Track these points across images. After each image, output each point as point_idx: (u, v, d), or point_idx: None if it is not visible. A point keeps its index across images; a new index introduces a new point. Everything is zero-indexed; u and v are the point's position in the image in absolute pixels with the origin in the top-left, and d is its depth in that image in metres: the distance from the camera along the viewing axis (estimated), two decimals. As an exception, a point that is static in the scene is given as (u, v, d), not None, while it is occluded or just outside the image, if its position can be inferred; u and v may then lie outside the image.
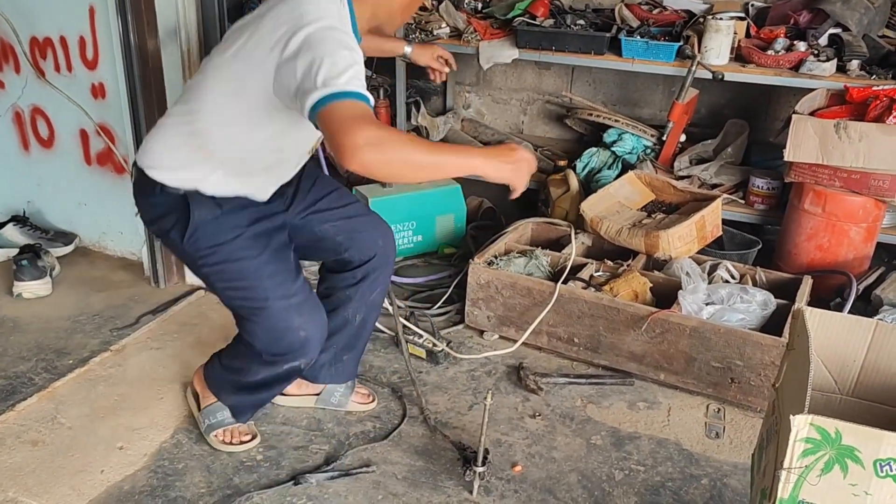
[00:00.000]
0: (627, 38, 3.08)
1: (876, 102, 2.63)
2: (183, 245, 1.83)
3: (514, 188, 1.64)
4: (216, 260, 1.83)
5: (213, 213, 1.81)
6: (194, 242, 1.82)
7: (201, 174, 1.79)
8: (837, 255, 2.75)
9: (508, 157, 1.60)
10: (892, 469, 1.23)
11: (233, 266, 1.84)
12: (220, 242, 1.82)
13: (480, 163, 1.57)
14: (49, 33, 2.81)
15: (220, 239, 1.81)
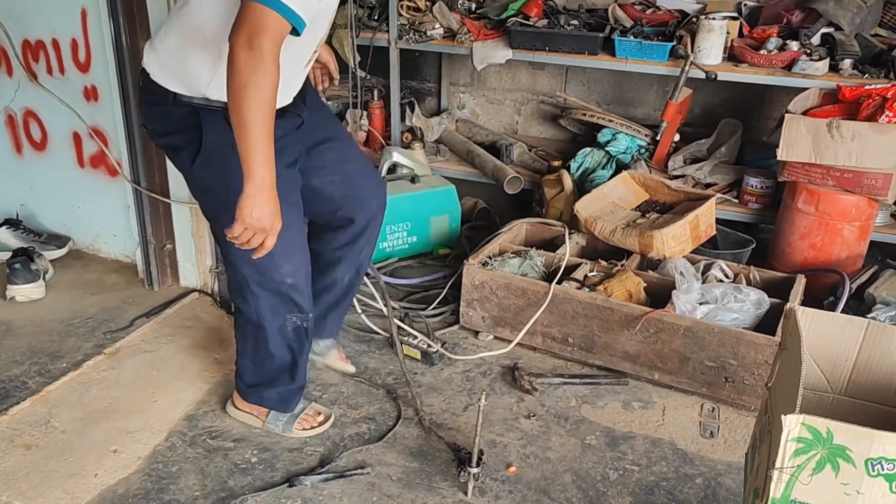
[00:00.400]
0: (621, 39, 3.08)
1: (868, 101, 2.63)
2: (192, 169, 1.81)
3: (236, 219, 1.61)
4: (224, 192, 1.74)
5: (226, 137, 1.66)
6: (204, 169, 1.79)
7: (208, 73, 1.72)
8: (831, 254, 2.76)
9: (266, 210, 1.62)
10: (884, 468, 1.23)
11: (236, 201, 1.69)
12: (229, 174, 1.70)
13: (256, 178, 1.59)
14: (41, 36, 2.80)
15: (230, 170, 1.69)
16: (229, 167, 1.70)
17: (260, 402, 2.17)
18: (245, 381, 2.15)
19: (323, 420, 2.20)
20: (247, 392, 2.17)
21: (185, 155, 1.81)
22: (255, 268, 1.88)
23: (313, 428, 2.18)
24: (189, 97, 1.76)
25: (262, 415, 2.18)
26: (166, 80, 1.77)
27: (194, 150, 1.78)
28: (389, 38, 3.40)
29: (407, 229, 3.20)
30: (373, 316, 2.71)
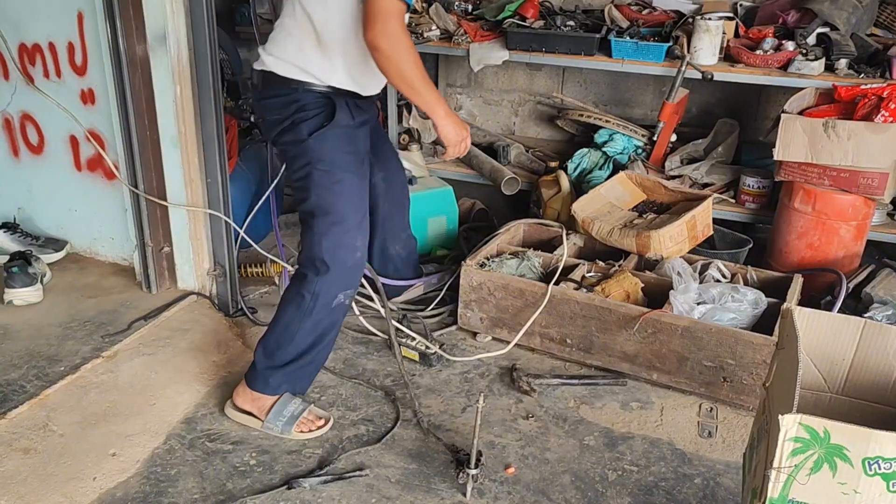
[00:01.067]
0: (617, 39, 3.09)
1: (864, 101, 2.64)
2: (308, 139, 2.04)
3: (445, 146, 2.15)
4: (327, 165, 2.05)
5: (348, 121, 2.08)
6: (320, 141, 2.05)
7: (329, 68, 2.03)
8: (828, 254, 2.76)
9: (459, 127, 2.13)
10: (881, 467, 1.24)
11: (336, 175, 2.07)
12: (337, 149, 2.06)
13: (442, 114, 2.08)
14: (38, 39, 2.80)
15: (342, 145, 2.07)
16: (341, 143, 2.07)
17: (265, 390, 2.17)
18: (258, 361, 2.18)
19: (322, 424, 2.20)
20: (254, 377, 2.18)
21: (304, 127, 2.05)
22: (335, 240, 2.09)
23: (311, 431, 2.18)
24: (319, 86, 2.05)
25: (263, 413, 2.18)
26: (296, 74, 2.04)
27: (316, 125, 2.05)
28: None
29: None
30: (371, 317, 2.71)
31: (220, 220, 2.70)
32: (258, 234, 3.01)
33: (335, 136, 2.07)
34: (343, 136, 2.08)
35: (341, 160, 2.07)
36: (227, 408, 2.25)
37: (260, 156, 3.22)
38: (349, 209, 2.09)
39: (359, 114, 2.13)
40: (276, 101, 2.09)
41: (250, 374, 2.21)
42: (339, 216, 2.08)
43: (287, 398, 2.20)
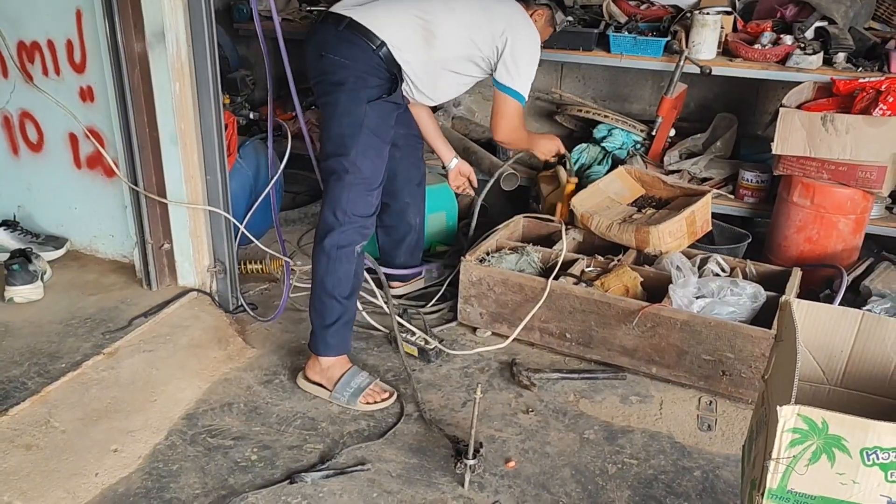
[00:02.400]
0: (615, 34, 3.09)
1: (862, 94, 2.64)
2: (366, 104, 2.28)
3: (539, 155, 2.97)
4: (374, 131, 2.29)
5: (399, 100, 2.41)
6: (376, 109, 2.30)
7: (412, 56, 2.35)
8: (826, 247, 2.77)
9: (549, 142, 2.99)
10: (879, 457, 1.25)
11: (376, 142, 2.30)
12: (387, 121, 2.35)
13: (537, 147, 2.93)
14: (36, 37, 2.80)
15: (387, 119, 2.35)
16: (387, 117, 2.35)
17: (326, 352, 2.32)
18: (315, 325, 2.34)
19: (387, 396, 2.30)
20: (315, 342, 2.35)
21: (365, 93, 2.29)
22: (359, 194, 2.28)
23: (376, 403, 2.28)
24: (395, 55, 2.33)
25: (331, 384, 2.31)
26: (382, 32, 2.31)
27: (376, 95, 2.30)
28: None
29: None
30: (371, 313, 2.72)
31: (220, 217, 2.71)
32: (258, 230, 3.02)
33: (387, 109, 2.34)
34: (391, 111, 2.36)
35: (384, 131, 2.34)
36: (298, 379, 2.38)
37: (259, 152, 3.22)
38: (377, 172, 2.32)
39: (402, 99, 2.45)
40: (354, 48, 2.29)
41: (311, 340, 2.36)
42: (369, 175, 2.29)
43: (354, 371, 2.33)
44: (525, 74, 2.48)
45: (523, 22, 2.48)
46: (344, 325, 2.33)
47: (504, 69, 2.45)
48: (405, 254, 2.90)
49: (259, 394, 2.35)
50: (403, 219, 2.83)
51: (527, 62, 2.47)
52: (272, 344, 2.63)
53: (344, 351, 2.35)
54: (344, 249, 2.28)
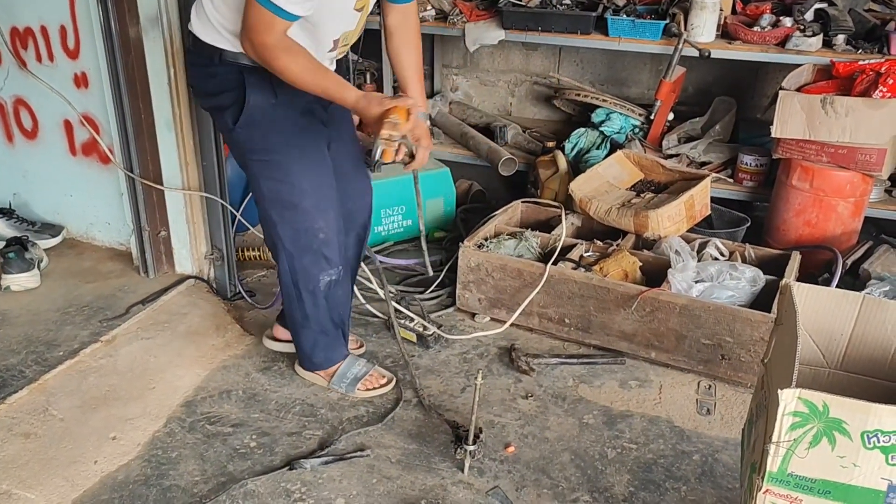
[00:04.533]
0: (614, 17, 3.07)
1: (862, 77, 2.63)
2: (235, 129, 1.93)
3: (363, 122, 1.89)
4: (265, 150, 1.95)
5: (268, 99, 1.90)
6: (247, 129, 1.93)
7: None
8: (826, 231, 2.76)
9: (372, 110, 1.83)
10: (880, 440, 1.24)
11: (279, 158, 1.95)
12: (269, 134, 1.93)
13: (352, 101, 1.84)
14: (29, 23, 2.77)
15: (272, 129, 1.93)
16: (271, 127, 1.91)
17: (313, 369, 2.29)
18: (301, 350, 2.27)
19: (385, 382, 2.27)
20: (302, 361, 2.30)
21: (229, 115, 1.93)
22: (291, 225, 2.02)
23: (375, 389, 2.25)
24: (234, 54, 1.87)
25: (328, 376, 2.27)
26: (213, 38, 1.88)
27: (237, 111, 1.91)
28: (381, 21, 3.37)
29: (402, 213, 3.20)
30: (370, 300, 2.71)
31: (217, 204, 2.69)
32: (255, 217, 3.00)
33: (260, 119, 1.92)
34: (272, 116, 1.92)
35: (275, 143, 1.94)
36: (296, 366, 2.35)
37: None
38: (298, 194, 1.98)
39: (284, 89, 1.88)
40: (199, 70, 1.97)
41: (298, 356, 2.31)
42: (290, 203, 1.99)
43: (351, 361, 2.29)
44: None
45: None
46: (329, 343, 2.24)
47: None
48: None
49: (257, 381, 2.35)
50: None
51: None
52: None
53: (330, 365, 2.28)
54: (303, 284, 2.13)
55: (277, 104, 1.92)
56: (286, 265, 2.09)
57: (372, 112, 1.82)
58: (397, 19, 2.08)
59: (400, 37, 2.10)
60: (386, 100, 1.82)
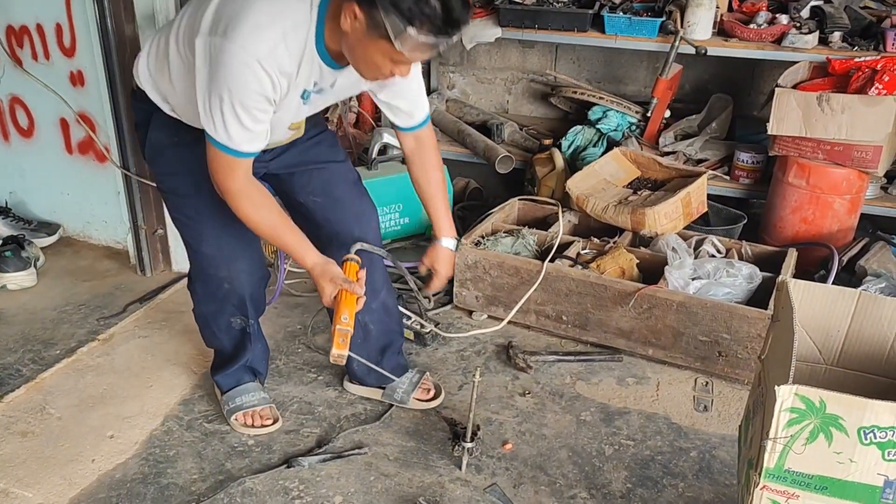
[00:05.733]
0: (610, 15, 3.07)
1: (858, 74, 2.63)
2: (145, 159, 1.94)
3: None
4: (165, 187, 1.93)
5: (170, 139, 1.83)
6: (151, 161, 1.92)
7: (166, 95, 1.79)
8: (822, 228, 2.77)
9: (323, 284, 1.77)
10: (876, 436, 1.25)
11: (178, 199, 1.91)
12: (171, 171, 1.87)
13: (308, 266, 1.79)
14: (25, 21, 2.77)
15: (172, 168, 1.87)
16: (177, 166, 1.85)
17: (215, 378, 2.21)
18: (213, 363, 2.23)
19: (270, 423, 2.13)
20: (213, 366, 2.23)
21: (143, 146, 1.91)
22: (196, 269, 2.02)
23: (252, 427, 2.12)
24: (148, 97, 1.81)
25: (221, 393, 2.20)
26: (140, 80, 1.83)
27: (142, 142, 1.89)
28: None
29: (399, 210, 3.19)
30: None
31: (214, 202, 2.69)
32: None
33: (166, 157, 1.86)
34: (176, 155, 1.83)
35: (179, 183, 1.87)
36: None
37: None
38: (197, 237, 1.94)
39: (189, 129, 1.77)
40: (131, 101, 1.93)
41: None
42: (191, 246, 1.98)
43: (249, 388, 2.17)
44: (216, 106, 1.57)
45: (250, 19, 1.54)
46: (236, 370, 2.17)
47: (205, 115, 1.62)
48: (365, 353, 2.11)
49: (255, 379, 2.35)
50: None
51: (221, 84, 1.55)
52: (267, 329, 2.61)
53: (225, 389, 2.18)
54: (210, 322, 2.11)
55: (181, 144, 1.81)
56: (196, 302, 2.09)
57: (323, 287, 1.77)
58: (410, 145, 1.98)
59: (417, 163, 1.99)
60: (338, 279, 1.75)
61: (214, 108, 1.58)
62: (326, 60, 1.66)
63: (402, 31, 1.45)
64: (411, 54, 1.51)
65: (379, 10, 1.45)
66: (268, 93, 1.59)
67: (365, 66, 1.61)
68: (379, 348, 2.16)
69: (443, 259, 2.02)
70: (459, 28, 1.50)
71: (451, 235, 2.03)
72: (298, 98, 1.71)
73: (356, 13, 1.49)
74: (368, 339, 2.13)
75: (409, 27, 1.45)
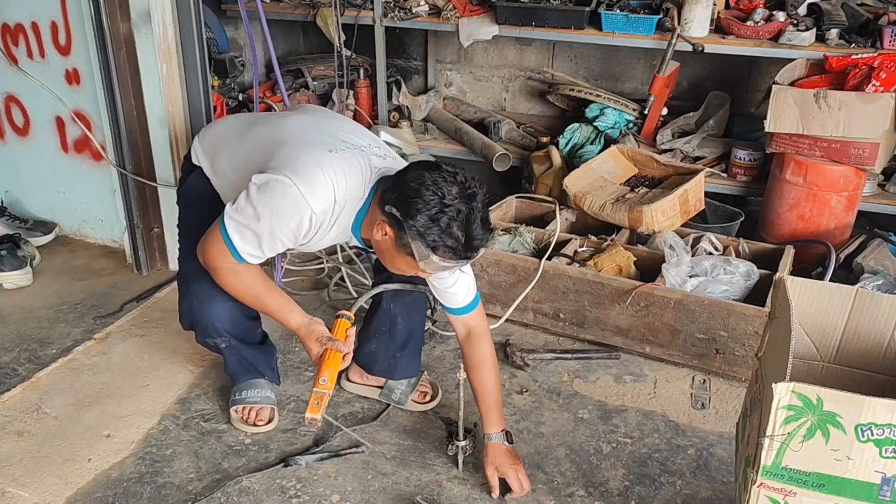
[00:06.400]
0: (607, 12, 3.06)
1: (855, 71, 2.63)
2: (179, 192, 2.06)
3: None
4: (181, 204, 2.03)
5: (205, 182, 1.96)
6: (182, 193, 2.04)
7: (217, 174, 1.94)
8: (819, 225, 2.77)
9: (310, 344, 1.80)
10: (874, 433, 1.24)
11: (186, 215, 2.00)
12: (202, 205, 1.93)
13: (294, 328, 1.82)
14: (20, 19, 2.76)
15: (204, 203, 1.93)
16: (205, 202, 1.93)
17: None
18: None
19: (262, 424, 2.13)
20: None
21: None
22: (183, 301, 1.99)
23: (246, 423, 2.12)
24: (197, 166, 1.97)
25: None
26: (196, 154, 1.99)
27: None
28: (374, 16, 3.36)
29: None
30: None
31: (210, 200, 2.68)
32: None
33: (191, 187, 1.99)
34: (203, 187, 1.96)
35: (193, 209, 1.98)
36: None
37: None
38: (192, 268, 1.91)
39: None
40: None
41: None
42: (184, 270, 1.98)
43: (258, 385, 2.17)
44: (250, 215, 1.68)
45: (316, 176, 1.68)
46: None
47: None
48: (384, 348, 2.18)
49: (252, 377, 2.34)
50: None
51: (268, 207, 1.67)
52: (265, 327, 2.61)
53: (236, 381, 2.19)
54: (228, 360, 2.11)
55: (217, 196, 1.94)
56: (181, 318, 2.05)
57: (309, 347, 1.79)
58: (462, 332, 1.98)
59: (468, 355, 1.96)
60: (323, 338, 1.77)
61: (248, 215, 1.69)
62: (357, 238, 1.82)
63: (426, 257, 1.60)
64: (434, 272, 1.69)
65: (406, 234, 1.60)
66: (299, 237, 1.72)
67: (392, 266, 1.75)
68: (401, 342, 2.16)
69: (502, 457, 1.89)
70: (479, 251, 1.64)
71: (501, 429, 1.92)
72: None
73: (387, 230, 1.65)
74: (394, 329, 2.13)
75: (433, 255, 1.59)
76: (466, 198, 1.60)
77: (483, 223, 1.62)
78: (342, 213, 1.74)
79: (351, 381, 2.27)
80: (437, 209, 1.56)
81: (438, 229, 1.56)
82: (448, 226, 1.57)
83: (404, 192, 1.60)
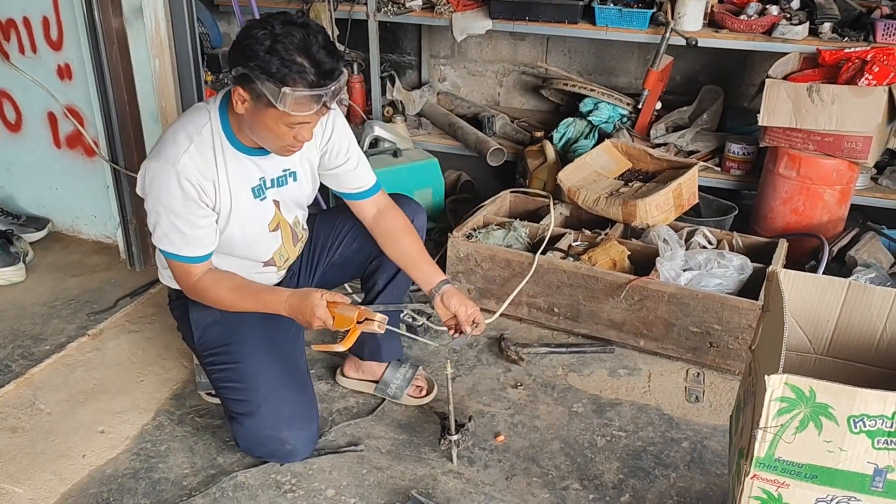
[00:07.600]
0: (601, 6, 3.06)
1: (848, 65, 2.64)
2: (196, 345, 1.98)
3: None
4: (216, 360, 1.94)
5: (213, 316, 1.93)
6: (201, 340, 1.96)
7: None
8: (812, 218, 2.78)
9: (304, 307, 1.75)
10: (866, 425, 1.25)
11: (229, 371, 1.91)
12: (223, 343, 1.93)
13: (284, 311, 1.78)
14: (12, 14, 2.74)
15: (223, 340, 1.93)
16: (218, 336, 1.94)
17: None
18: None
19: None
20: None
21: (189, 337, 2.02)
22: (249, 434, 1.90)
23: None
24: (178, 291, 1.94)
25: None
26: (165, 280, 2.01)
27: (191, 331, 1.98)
28: (367, 11, 3.36)
29: (391, 204, 3.18)
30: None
31: (204, 196, 2.67)
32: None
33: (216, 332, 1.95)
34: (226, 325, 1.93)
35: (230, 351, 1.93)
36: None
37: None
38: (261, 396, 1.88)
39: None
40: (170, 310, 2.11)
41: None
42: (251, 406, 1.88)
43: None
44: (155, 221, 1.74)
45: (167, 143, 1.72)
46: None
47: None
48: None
49: (247, 373, 2.34)
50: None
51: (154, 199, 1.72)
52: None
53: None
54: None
55: (225, 315, 1.90)
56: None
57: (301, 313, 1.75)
58: (371, 213, 2.00)
59: (381, 229, 1.98)
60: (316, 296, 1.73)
61: (154, 222, 1.74)
62: (248, 151, 1.79)
63: (278, 92, 1.57)
64: (295, 110, 1.60)
65: (255, 82, 1.58)
66: (193, 196, 1.71)
67: (269, 139, 1.71)
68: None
69: (454, 298, 1.90)
70: (333, 77, 1.60)
71: (443, 278, 1.94)
72: (250, 198, 1.82)
73: (241, 94, 1.63)
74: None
75: (284, 87, 1.56)
76: (298, 26, 1.59)
77: (326, 49, 1.59)
78: (205, 143, 1.73)
79: (346, 376, 2.27)
80: (269, 40, 1.55)
81: (279, 59, 1.55)
82: (286, 51, 1.55)
83: (238, 46, 1.61)
